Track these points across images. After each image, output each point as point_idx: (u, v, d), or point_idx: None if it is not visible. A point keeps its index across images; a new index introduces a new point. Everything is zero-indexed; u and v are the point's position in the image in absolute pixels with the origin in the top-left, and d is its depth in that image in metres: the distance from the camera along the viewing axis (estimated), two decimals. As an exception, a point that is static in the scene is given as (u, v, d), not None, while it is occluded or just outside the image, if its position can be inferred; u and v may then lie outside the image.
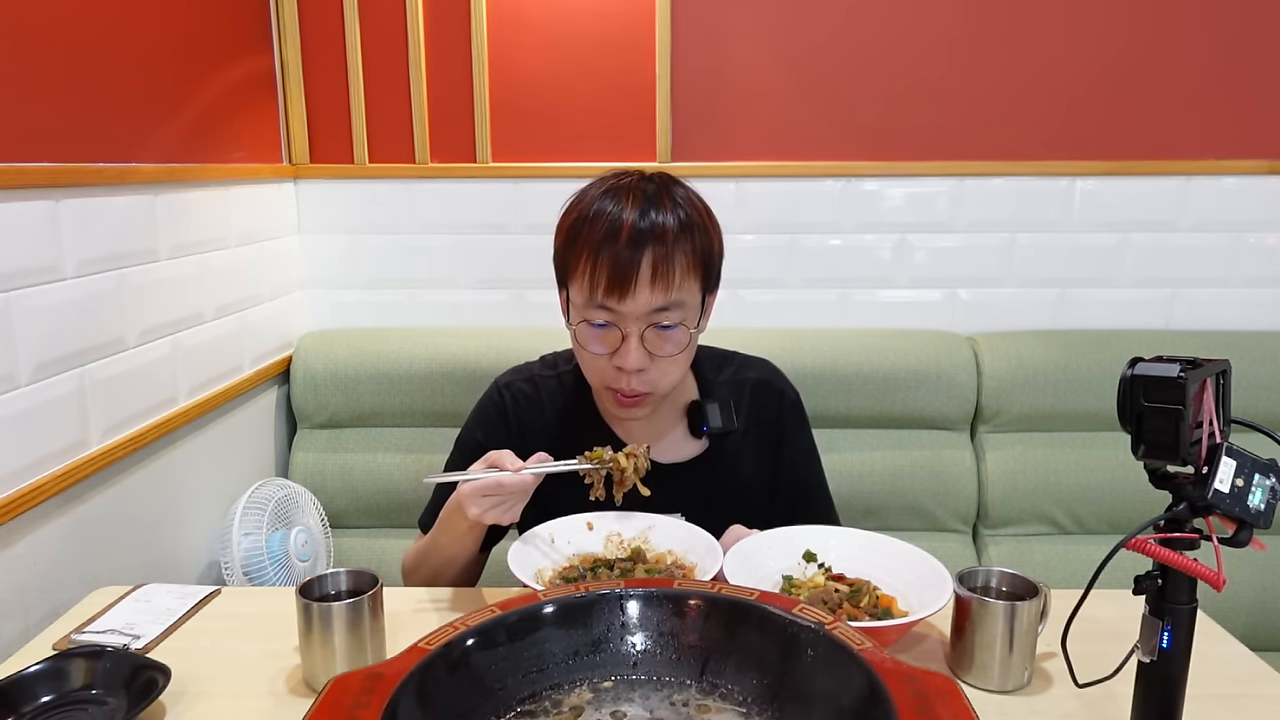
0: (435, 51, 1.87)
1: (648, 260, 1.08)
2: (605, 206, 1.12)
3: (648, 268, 1.08)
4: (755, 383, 1.31)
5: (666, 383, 1.17)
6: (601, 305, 1.11)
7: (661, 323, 1.12)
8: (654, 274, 1.09)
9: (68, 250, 1.24)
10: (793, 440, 1.32)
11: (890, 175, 1.90)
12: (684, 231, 1.11)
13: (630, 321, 1.11)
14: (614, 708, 0.74)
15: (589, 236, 1.10)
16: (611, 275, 1.08)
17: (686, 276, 1.11)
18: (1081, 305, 1.95)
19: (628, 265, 1.08)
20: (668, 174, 1.20)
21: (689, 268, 1.12)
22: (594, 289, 1.10)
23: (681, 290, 1.11)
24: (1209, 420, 0.72)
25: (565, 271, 1.17)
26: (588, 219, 1.12)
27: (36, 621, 1.16)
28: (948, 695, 0.63)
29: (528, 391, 1.30)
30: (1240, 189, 1.90)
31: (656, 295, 1.09)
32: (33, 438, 1.18)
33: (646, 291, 1.09)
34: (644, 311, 1.10)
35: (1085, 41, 1.85)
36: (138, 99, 1.41)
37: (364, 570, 0.98)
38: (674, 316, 1.12)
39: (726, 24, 1.86)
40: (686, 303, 1.13)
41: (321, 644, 0.92)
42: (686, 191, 1.18)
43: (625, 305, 1.10)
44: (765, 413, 1.30)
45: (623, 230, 1.09)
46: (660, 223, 1.10)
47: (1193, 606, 0.75)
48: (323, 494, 1.78)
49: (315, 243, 1.96)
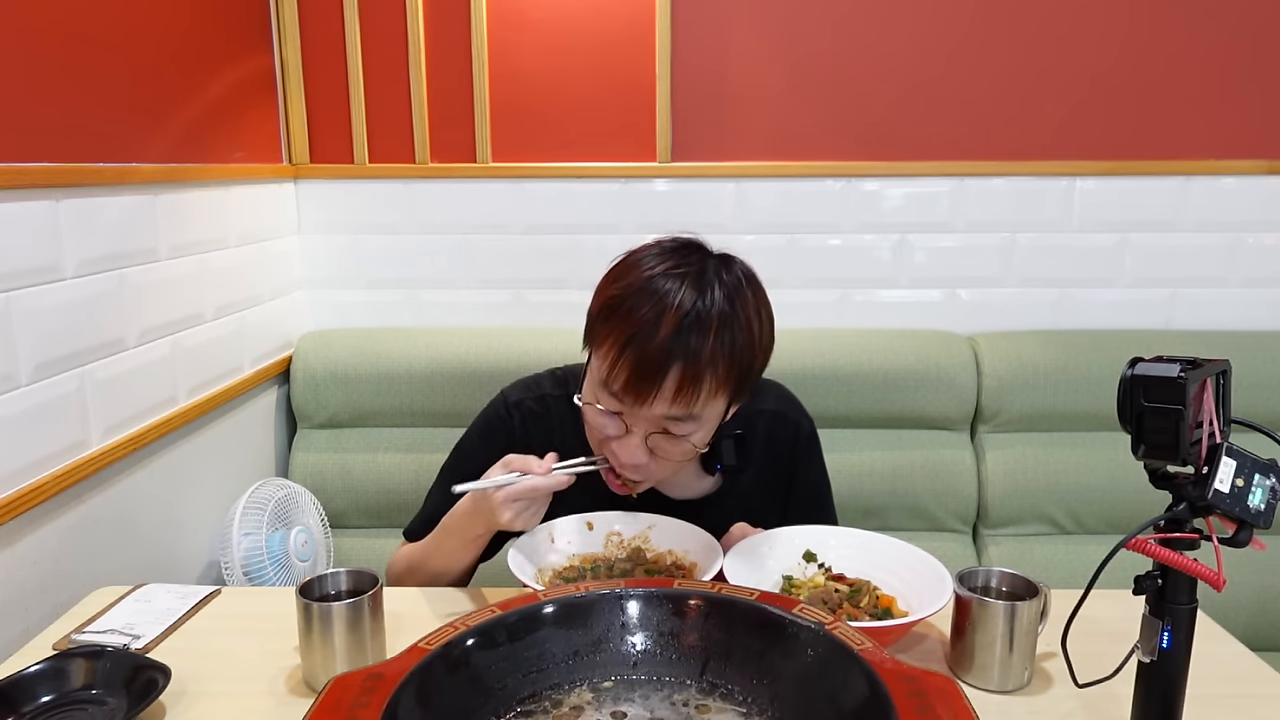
0: (435, 51, 1.87)
1: (674, 375, 1.00)
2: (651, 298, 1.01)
3: (672, 382, 1.00)
4: (771, 415, 1.26)
5: (664, 475, 1.14)
6: (616, 398, 1.04)
7: (673, 431, 1.06)
8: (678, 390, 1.00)
9: (68, 250, 1.24)
10: (805, 474, 1.29)
11: (890, 175, 1.90)
12: (724, 350, 1.01)
13: (640, 422, 1.05)
14: (614, 708, 0.74)
15: (622, 325, 1.01)
16: (632, 377, 1.00)
17: (714, 397, 1.03)
18: (1081, 305, 1.95)
19: (652, 374, 0.99)
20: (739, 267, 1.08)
21: (719, 389, 1.03)
22: (611, 381, 1.03)
23: (704, 408, 1.04)
24: (1209, 420, 0.72)
25: (592, 341, 1.09)
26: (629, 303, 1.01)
27: (36, 621, 1.16)
28: (948, 695, 0.63)
29: (538, 412, 1.25)
30: (1240, 189, 1.90)
31: (676, 408, 1.02)
32: (33, 438, 1.18)
33: (665, 404, 1.02)
34: (657, 417, 1.04)
35: (1085, 42, 1.85)
36: (138, 99, 1.41)
37: (364, 570, 0.98)
38: (687, 429, 1.06)
39: (727, 24, 1.86)
40: (705, 419, 1.06)
41: (321, 644, 0.92)
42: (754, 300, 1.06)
43: (639, 409, 1.03)
44: (779, 447, 1.26)
45: (658, 334, 0.99)
46: (701, 337, 0.99)
47: (1193, 606, 0.75)
48: (323, 494, 1.78)
49: (315, 243, 1.96)
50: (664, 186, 1.91)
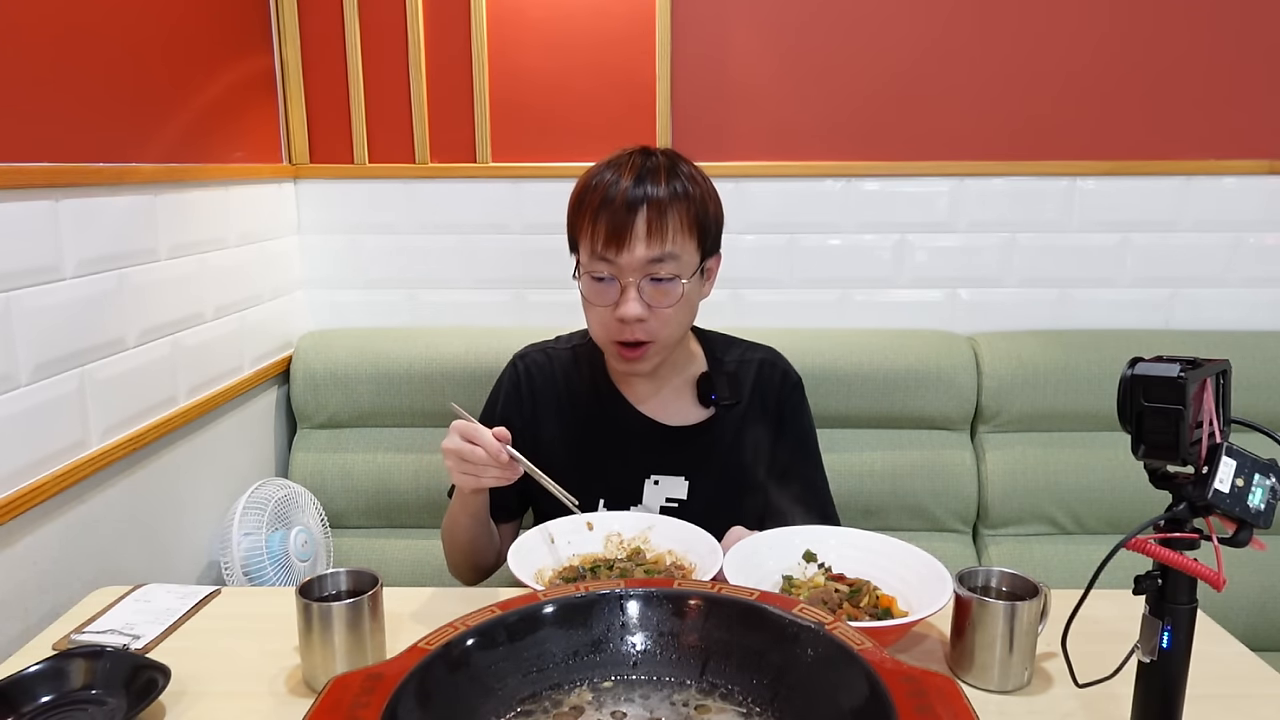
0: (435, 51, 1.87)
1: (641, 217, 1.19)
2: (605, 176, 1.23)
3: (642, 224, 1.19)
4: (761, 362, 1.40)
5: (666, 333, 1.25)
6: (602, 257, 1.21)
7: (657, 274, 1.21)
8: (648, 230, 1.19)
9: (68, 250, 1.24)
10: (792, 419, 1.39)
11: (890, 175, 1.90)
12: (677, 197, 1.21)
13: (628, 273, 1.20)
14: (614, 708, 0.74)
15: (590, 201, 1.23)
16: (609, 232, 1.19)
17: (680, 233, 1.21)
18: (1081, 305, 1.95)
19: (623, 223, 1.19)
20: (673, 151, 1.30)
21: (682, 226, 1.21)
22: (595, 244, 1.21)
23: (675, 245, 1.20)
24: (1209, 420, 0.72)
25: (574, 234, 1.27)
26: (590, 188, 1.24)
27: (36, 621, 1.16)
28: (948, 695, 0.63)
29: (541, 361, 1.40)
30: (1240, 189, 1.90)
31: (651, 248, 1.19)
32: (33, 438, 1.18)
33: (641, 246, 1.19)
34: (640, 263, 1.20)
35: (1086, 41, 1.85)
36: (138, 99, 1.41)
37: (364, 570, 0.98)
38: (669, 269, 1.21)
39: (727, 23, 1.86)
40: (681, 258, 1.22)
41: (321, 644, 0.92)
42: (689, 167, 1.27)
43: (622, 258, 1.20)
44: (768, 389, 1.38)
45: (619, 194, 1.20)
46: (653, 190, 1.21)
47: (1193, 606, 0.75)
48: (323, 494, 1.78)
49: (315, 243, 1.96)
50: (664, 186, 1.91)
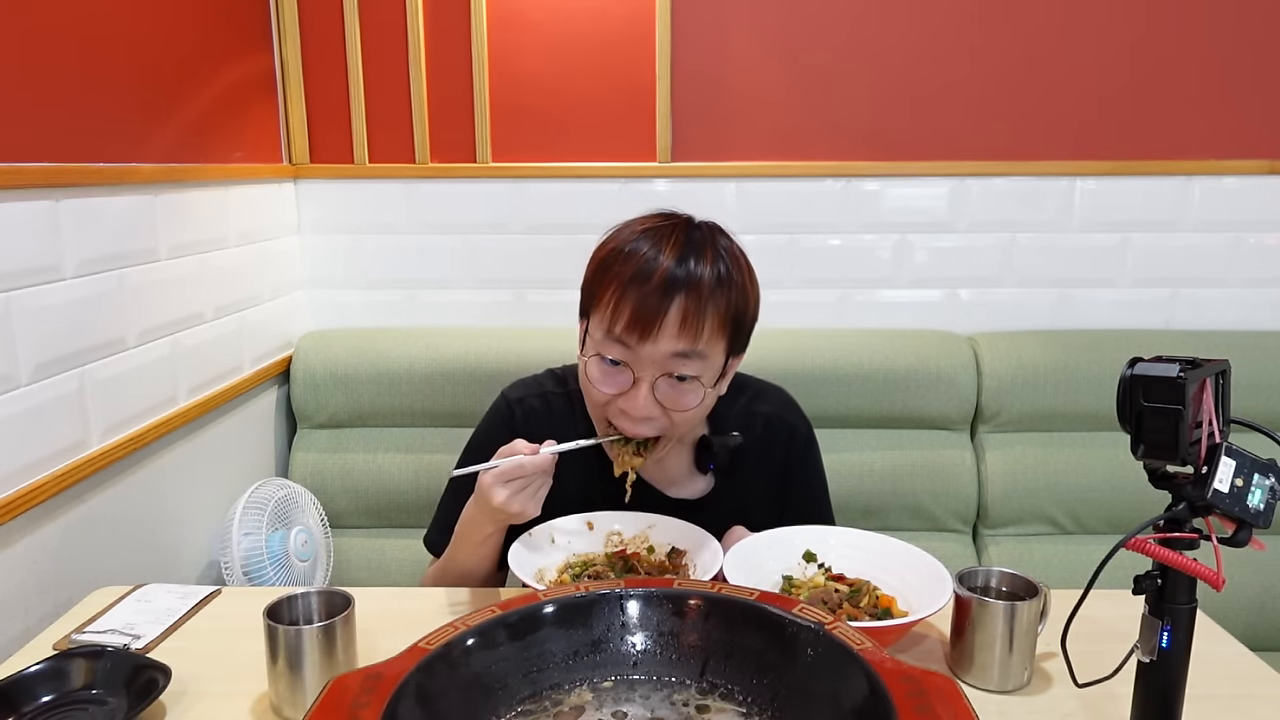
0: (435, 51, 1.87)
1: (677, 306, 1.03)
2: (642, 246, 1.06)
3: (676, 314, 1.03)
4: (768, 418, 1.26)
5: (675, 432, 1.12)
6: (619, 340, 1.05)
7: (678, 372, 1.06)
8: (682, 322, 1.03)
9: (68, 250, 1.24)
10: (800, 477, 1.29)
11: (890, 175, 1.90)
12: (720, 286, 1.05)
13: (645, 365, 1.06)
14: (614, 708, 0.74)
15: (620, 272, 1.05)
16: (635, 314, 1.03)
17: (715, 333, 1.06)
18: (1081, 305, 1.95)
19: (655, 308, 1.03)
20: (715, 224, 1.14)
21: (719, 324, 1.06)
22: (615, 323, 1.05)
23: (707, 344, 1.06)
24: (1208, 420, 0.72)
25: (590, 301, 1.12)
26: (622, 254, 1.07)
27: (37, 621, 1.16)
28: (948, 695, 0.63)
29: (538, 408, 1.26)
30: (1240, 189, 1.90)
31: (680, 341, 1.04)
32: (33, 438, 1.18)
33: (670, 338, 1.03)
34: (662, 357, 1.05)
35: (1085, 41, 1.85)
36: (138, 99, 1.41)
37: (335, 590, 0.94)
38: (693, 368, 1.06)
39: (726, 24, 1.86)
40: (709, 358, 1.07)
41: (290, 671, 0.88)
42: (731, 244, 1.12)
43: (644, 348, 1.04)
44: (775, 450, 1.26)
45: (656, 272, 1.03)
46: (697, 273, 1.04)
47: (1192, 606, 0.76)
48: (323, 494, 1.78)
49: (315, 243, 1.96)
50: (664, 186, 1.91)
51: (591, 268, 1.13)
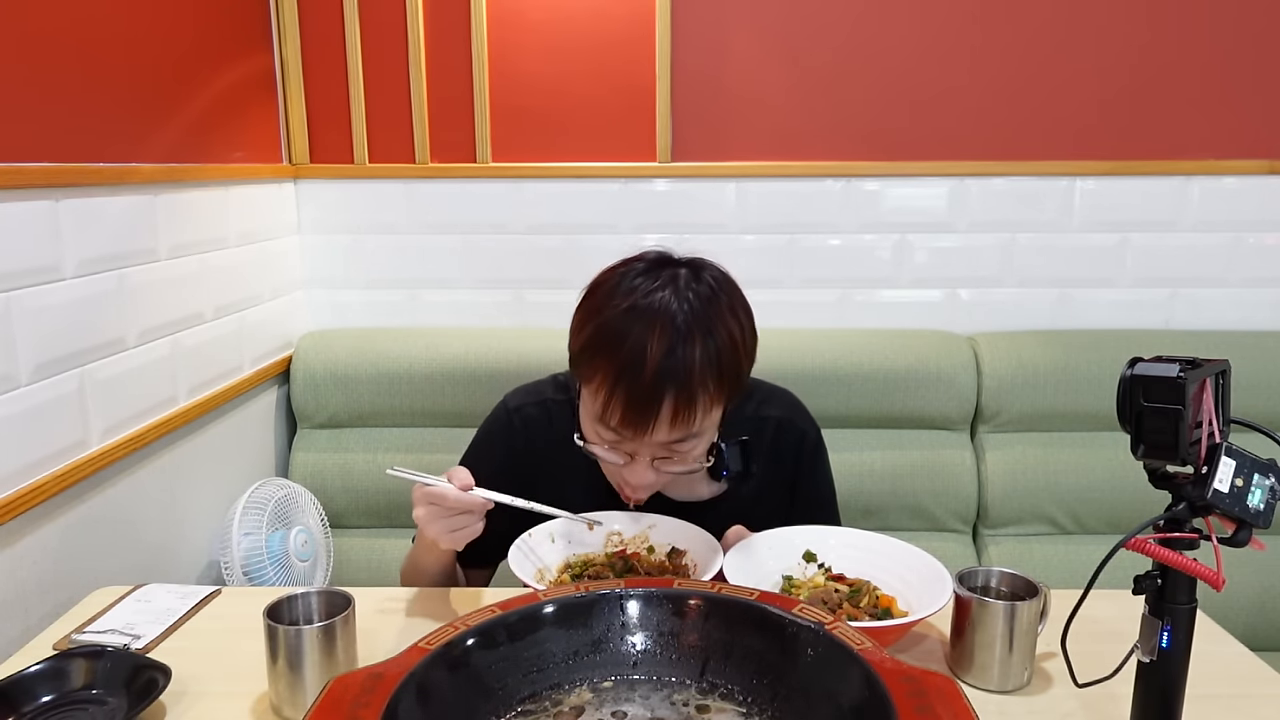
0: (435, 51, 1.87)
1: (669, 403, 1.00)
2: (631, 329, 1.01)
3: (668, 410, 1.01)
4: (777, 422, 1.26)
5: (674, 489, 1.15)
6: (614, 431, 1.05)
7: (675, 450, 1.07)
8: (674, 416, 1.01)
9: (68, 250, 1.24)
10: (808, 482, 1.29)
11: (890, 175, 1.90)
12: (712, 366, 1.02)
13: (643, 449, 1.07)
14: (614, 708, 0.74)
15: (609, 361, 1.01)
16: (627, 413, 1.01)
17: (709, 411, 1.04)
18: (1081, 305, 1.95)
19: (646, 406, 1.00)
20: (709, 274, 1.07)
21: (713, 403, 1.04)
22: (608, 416, 1.03)
23: (702, 424, 1.05)
24: (1208, 420, 0.72)
25: (579, 376, 1.09)
26: (611, 336, 1.02)
27: (37, 621, 1.16)
28: (948, 695, 0.63)
29: (538, 416, 1.24)
30: (1240, 189, 1.90)
31: (675, 432, 1.03)
32: (33, 438, 1.18)
33: (665, 431, 1.03)
34: (660, 444, 1.06)
35: (1085, 42, 1.85)
36: (138, 99, 1.41)
37: (336, 590, 0.94)
38: (689, 446, 1.07)
39: (726, 24, 1.86)
40: (704, 432, 1.07)
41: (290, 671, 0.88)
42: (730, 303, 1.06)
43: (639, 440, 1.04)
44: (784, 454, 1.26)
45: (646, 369, 0.99)
46: (687, 361, 1.00)
47: (1192, 606, 0.75)
48: (323, 494, 1.78)
49: (315, 243, 1.96)
50: (664, 186, 1.91)
51: (577, 339, 1.08)
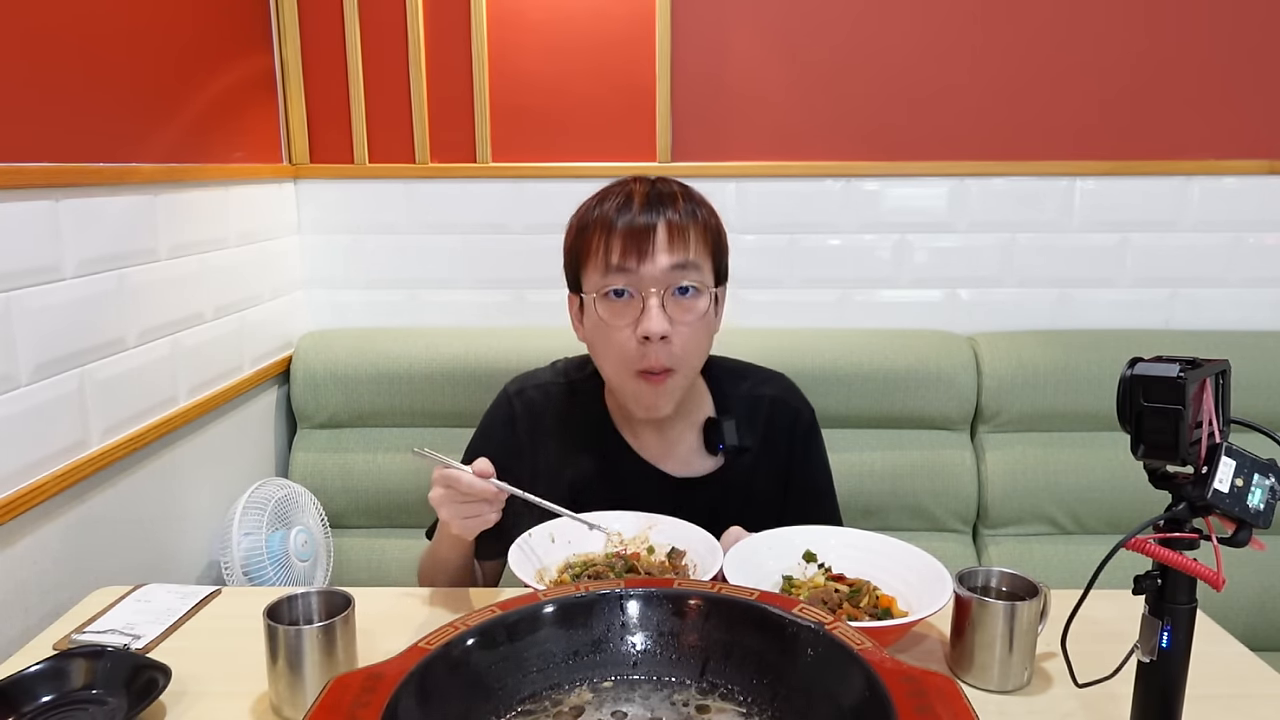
0: (435, 51, 1.87)
1: (663, 223, 1.12)
2: (612, 193, 1.17)
3: (664, 229, 1.12)
4: (772, 400, 1.30)
5: (689, 359, 1.17)
6: (620, 268, 1.12)
7: (680, 284, 1.13)
8: (670, 235, 1.12)
9: (68, 250, 1.24)
10: (804, 461, 1.31)
11: (890, 175, 1.90)
12: (692, 203, 1.16)
13: (649, 284, 1.12)
14: (614, 708, 0.74)
15: (601, 217, 1.14)
16: (627, 239, 1.12)
17: (700, 243, 1.15)
18: (1081, 305, 1.95)
19: (644, 228, 1.12)
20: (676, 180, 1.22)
21: (702, 235, 1.15)
22: (610, 255, 1.12)
23: (696, 254, 1.14)
24: (1208, 420, 0.72)
25: (578, 261, 1.18)
26: (597, 205, 1.16)
27: (37, 621, 1.16)
28: (948, 695, 0.63)
29: (537, 399, 1.29)
30: (1240, 189, 1.90)
31: (675, 254, 1.12)
32: (33, 438, 1.18)
33: (665, 253, 1.12)
34: (662, 272, 1.12)
35: (1086, 42, 1.85)
36: (138, 99, 1.41)
37: (335, 590, 0.95)
38: (692, 278, 1.14)
39: (726, 24, 1.86)
40: (702, 268, 1.15)
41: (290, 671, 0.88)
42: (698, 194, 1.21)
43: (644, 267, 1.12)
44: (780, 432, 1.29)
45: (635, 202, 1.13)
46: (670, 194, 1.15)
47: (1192, 606, 0.75)
48: (323, 494, 1.78)
49: (315, 243, 1.96)
50: (664, 186, 1.91)
51: (571, 234, 1.20)
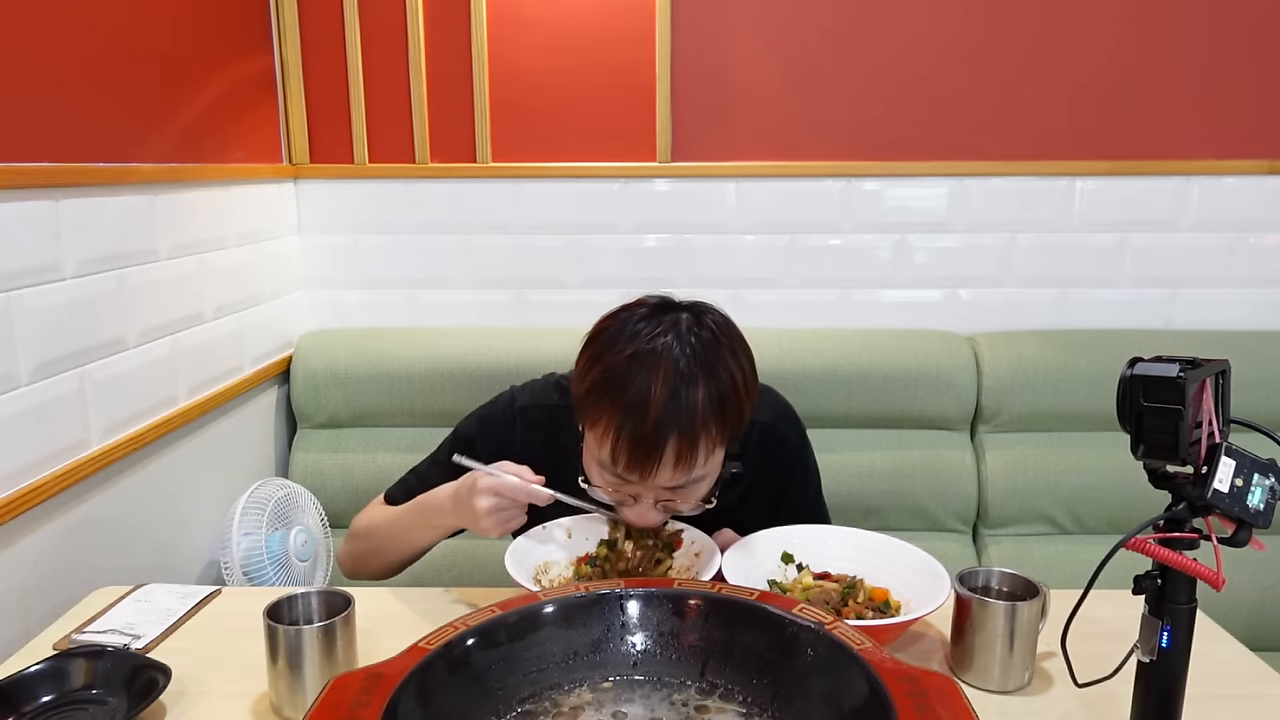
0: (435, 51, 1.87)
1: (672, 446, 1.01)
2: (634, 374, 1.02)
3: (671, 452, 1.01)
4: (763, 427, 1.24)
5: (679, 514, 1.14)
6: (619, 476, 1.06)
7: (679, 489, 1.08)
8: (677, 459, 1.02)
9: (68, 250, 1.24)
10: (790, 490, 1.29)
11: (890, 175, 1.90)
12: (714, 409, 1.02)
13: (647, 490, 1.07)
14: (614, 708, 0.74)
15: (612, 408, 1.02)
16: (632, 457, 1.02)
17: (711, 453, 1.05)
18: (1081, 305, 1.95)
19: (650, 450, 1.01)
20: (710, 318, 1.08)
21: (715, 445, 1.05)
22: (614, 462, 1.04)
23: (705, 466, 1.06)
24: (1208, 420, 0.72)
25: (583, 419, 1.09)
26: (613, 383, 1.03)
27: (37, 621, 1.16)
28: (948, 695, 0.63)
29: (542, 422, 1.25)
30: (1240, 189, 1.90)
31: (678, 475, 1.04)
32: (33, 438, 1.18)
33: (668, 473, 1.03)
34: (663, 486, 1.06)
35: (1085, 41, 1.85)
36: (138, 99, 1.41)
37: (336, 590, 0.95)
38: (691, 488, 1.08)
39: (727, 24, 1.86)
40: (708, 474, 1.08)
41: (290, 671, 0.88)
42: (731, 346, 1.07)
43: (644, 484, 1.05)
44: (768, 460, 1.26)
45: (649, 411, 1.00)
46: (689, 404, 1.01)
47: (1192, 606, 0.75)
48: (323, 494, 1.78)
49: (315, 243, 1.96)
50: (664, 186, 1.91)
51: (581, 383, 1.08)
